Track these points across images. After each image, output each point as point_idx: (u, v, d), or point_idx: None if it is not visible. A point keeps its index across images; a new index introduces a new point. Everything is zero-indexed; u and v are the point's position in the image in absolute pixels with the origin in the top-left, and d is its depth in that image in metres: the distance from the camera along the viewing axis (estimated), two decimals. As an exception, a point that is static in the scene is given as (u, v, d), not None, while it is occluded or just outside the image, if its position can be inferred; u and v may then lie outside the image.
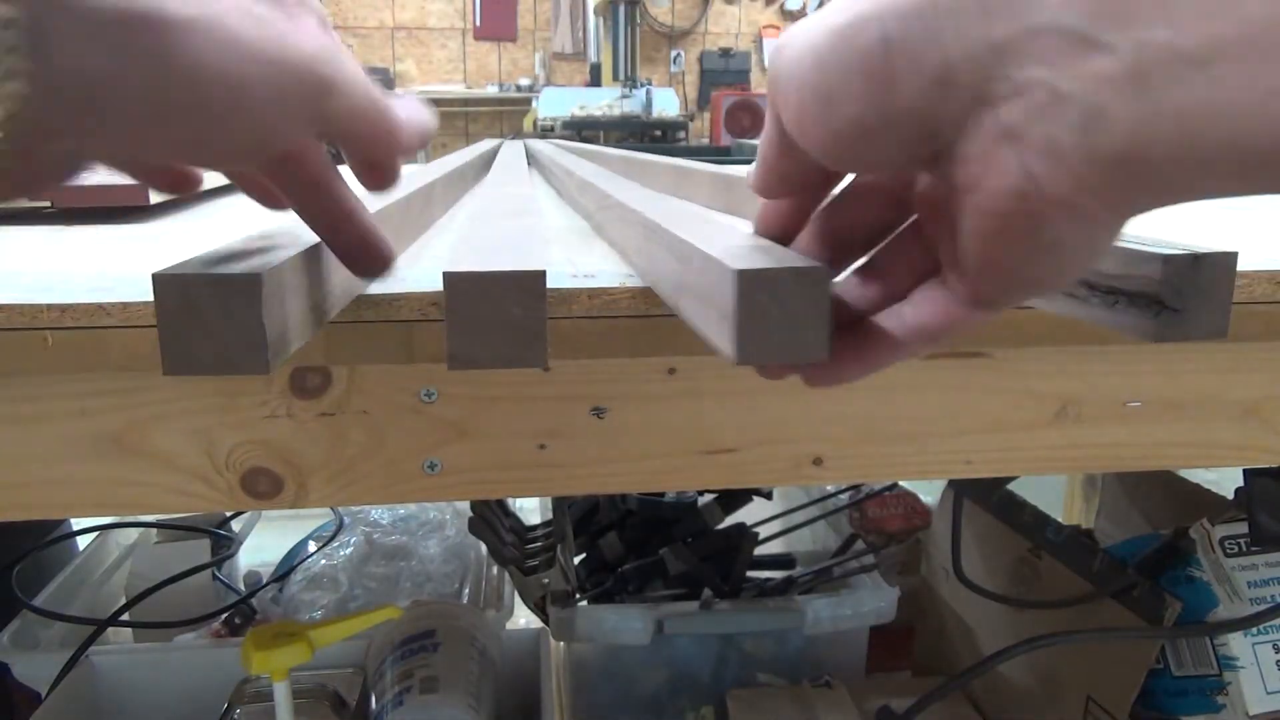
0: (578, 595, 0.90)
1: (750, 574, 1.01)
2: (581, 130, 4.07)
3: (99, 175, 0.34)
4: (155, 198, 0.61)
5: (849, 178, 0.30)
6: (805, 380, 0.29)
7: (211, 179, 0.65)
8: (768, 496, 1.09)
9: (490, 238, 0.32)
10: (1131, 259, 0.28)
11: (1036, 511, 0.88)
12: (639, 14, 5.20)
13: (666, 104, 4.52)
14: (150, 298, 0.34)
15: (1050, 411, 0.44)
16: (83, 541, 1.12)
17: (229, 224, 0.60)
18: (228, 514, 1.13)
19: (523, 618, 1.11)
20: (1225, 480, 0.80)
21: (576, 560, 1.02)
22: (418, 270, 0.40)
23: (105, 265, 0.43)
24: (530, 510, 1.14)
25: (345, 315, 0.35)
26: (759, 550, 1.03)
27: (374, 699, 0.81)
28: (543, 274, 0.26)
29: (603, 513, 1.05)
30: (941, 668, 0.99)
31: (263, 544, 1.25)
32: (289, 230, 0.33)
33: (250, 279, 0.25)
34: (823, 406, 0.43)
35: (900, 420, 0.44)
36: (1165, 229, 0.55)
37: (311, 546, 1.10)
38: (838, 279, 0.31)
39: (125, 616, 0.96)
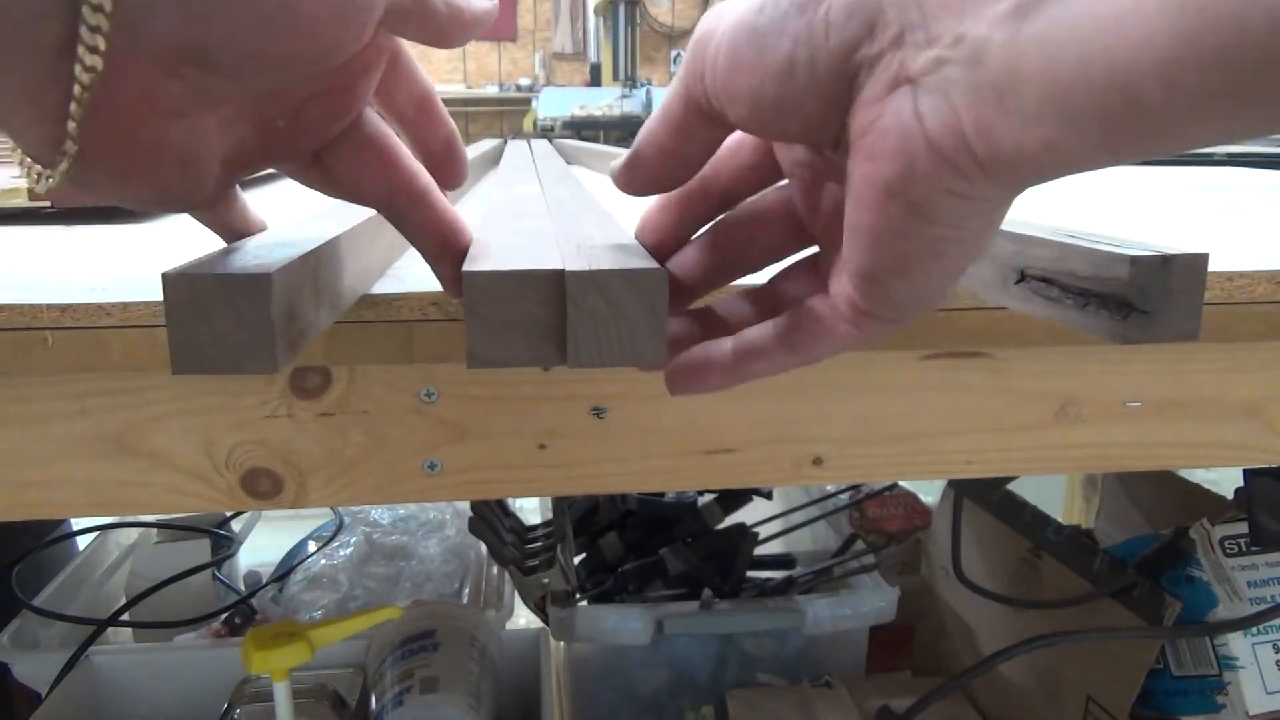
0: (578, 595, 0.90)
1: (750, 574, 1.01)
2: (581, 130, 4.07)
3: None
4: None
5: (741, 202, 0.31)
6: (669, 384, 0.30)
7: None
8: (768, 496, 1.09)
9: (505, 237, 0.32)
10: (1103, 260, 0.28)
11: (1036, 511, 0.88)
12: (639, 14, 5.20)
13: (666, 104, 4.50)
14: (151, 298, 0.35)
15: (1050, 411, 0.44)
16: (83, 541, 1.12)
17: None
18: (228, 514, 1.13)
19: (523, 618, 1.11)
20: (1225, 480, 0.80)
21: (576, 560, 1.02)
22: (418, 270, 0.40)
23: (105, 265, 0.43)
24: (530, 510, 1.14)
25: (345, 315, 0.35)
26: (759, 550, 1.03)
27: (374, 699, 0.81)
28: (562, 273, 0.26)
29: (603, 513, 1.05)
30: (941, 668, 0.99)
31: (263, 544, 1.25)
32: (296, 230, 0.33)
33: (259, 278, 0.25)
34: (823, 406, 0.43)
35: (900, 420, 0.44)
36: (1163, 229, 0.55)
37: (311, 546, 1.10)
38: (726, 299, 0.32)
39: (125, 616, 0.96)
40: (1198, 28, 0.17)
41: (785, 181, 0.31)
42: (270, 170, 0.32)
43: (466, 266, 0.26)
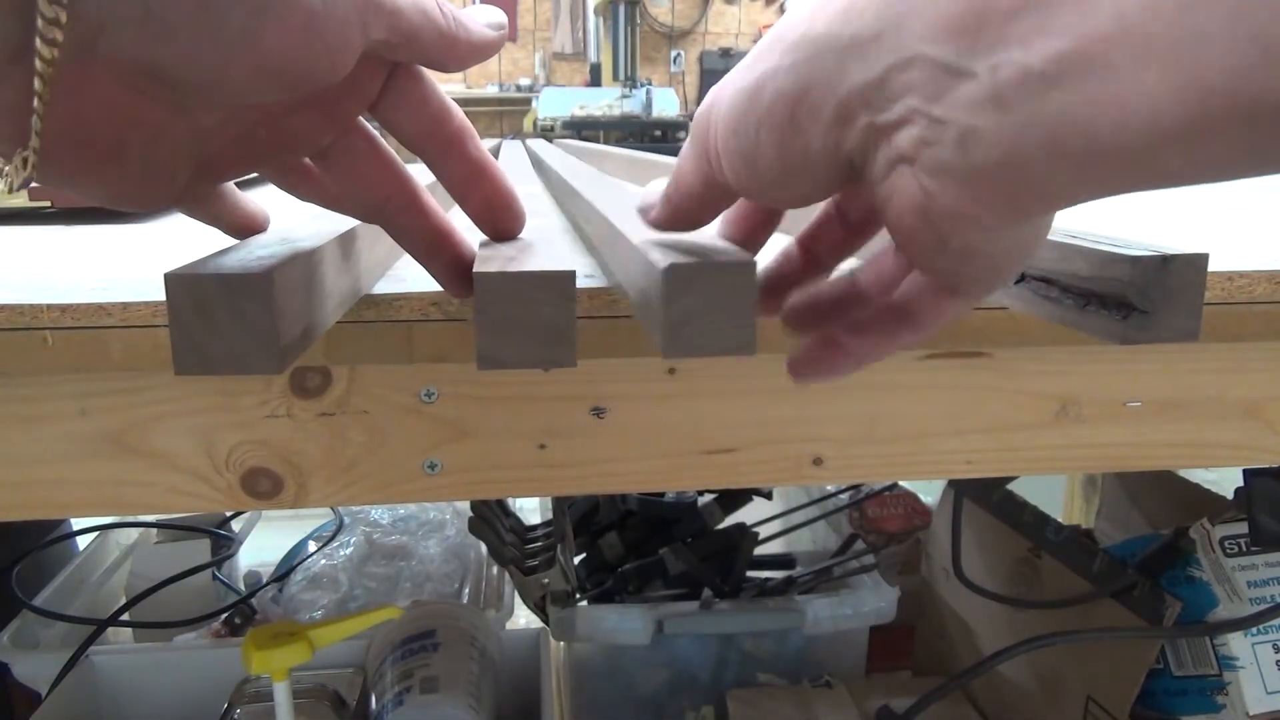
0: (578, 595, 0.90)
1: (750, 574, 1.01)
2: (581, 130, 4.07)
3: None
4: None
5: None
6: (795, 374, 0.30)
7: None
8: (768, 496, 1.09)
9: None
10: (1103, 261, 0.28)
11: (1036, 511, 0.88)
12: (639, 14, 5.20)
13: (666, 104, 4.52)
14: (151, 298, 0.35)
15: (1050, 411, 0.44)
16: (83, 541, 1.12)
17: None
18: (228, 514, 1.13)
19: (523, 618, 1.11)
20: (1225, 480, 0.80)
21: (576, 560, 1.02)
22: (418, 270, 0.40)
23: (105, 265, 0.43)
24: (530, 510, 1.14)
25: (346, 315, 0.35)
26: (759, 550, 1.03)
27: (374, 699, 0.81)
28: (573, 274, 0.26)
29: (603, 513, 1.05)
30: (941, 668, 0.99)
31: (263, 544, 1.25)
32: (299, 229, 0.33)
33: (262, 278, 0.25)
34: (823, 406, 0.43)
35: (900, 420, 0.44)
36: (1163, 229, 0.55)
37: (311, 546, 1.10)
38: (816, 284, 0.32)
39: (125, 616, 0.96)
40: (1209, 106, 0.17)
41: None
42: None
43: (476, 268, 0.26)
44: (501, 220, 0.32)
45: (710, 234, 0.32)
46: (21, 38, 0.23)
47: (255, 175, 0.32)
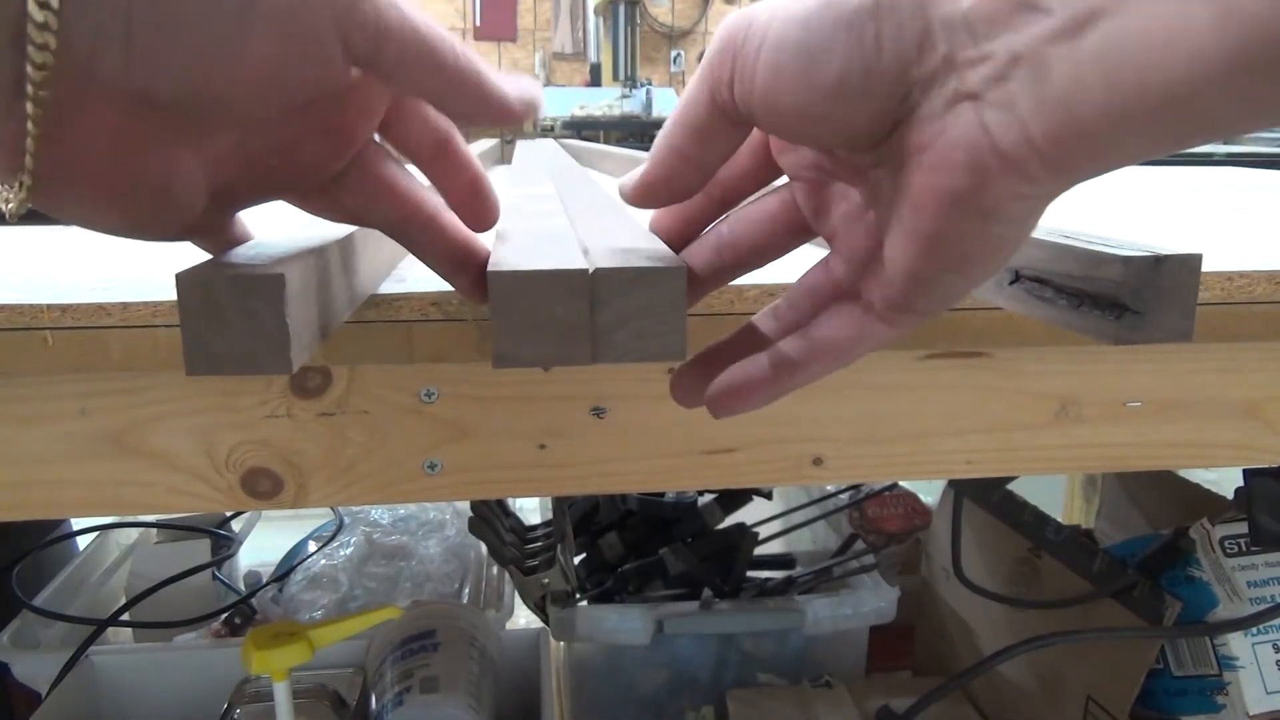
0: (578, 595, 0.90)
1: (750, 574, 1.01)
2: (581, 130, 4.07)
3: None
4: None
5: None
6: (711, 408, 0.31)
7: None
8: (768, 496, 1.09)
9: (525, 237, 0.32)
10: (1096, 261, 0.28)
11: (1036, 511, 0.88)
12: (639, 14, 5.20)
13: (666, 104, 4.52)
14: (151, 298, 0.35)
15: (1050, 411, 0.44)
16: (83, 541, 1.12)
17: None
18: (228, 514, 1.13)
19: (523, 618, 1.11)
20: (1225, 480, 0.80)
21: (576, 560, 1.02)
22: (419, 270, 0.40)
23: (105, 265, 0.43)
24: (530, 510, 1.14)
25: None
26: (759, 550, 1.03)
27: (374, 699, 0.81)
28: (585, 272, 0.26)
29: (603, 513, 1.05)
30: (941, 668, 0.99)
31: (263, 544, 1.25)
32: (307, 229, 0.33)
33: (273, 278, 0.25)
34: (823, 406, 0.43)
35: (900, 420, 0.44)
36: (1163, 228, 0.55)
37: (311, 546, 1.10)
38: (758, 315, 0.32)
39: (125, 616, 0.96)
40: (1245, 41, 0.18)
41: (782, 181, 0.31)
42: None
43: (491, 267, 0.26)
44: (488, 217, 0.33)
45: (640, 229, 0.32)
46: (24, 72, 0.23)
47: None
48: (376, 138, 0.31)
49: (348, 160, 0.30)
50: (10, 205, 0.25)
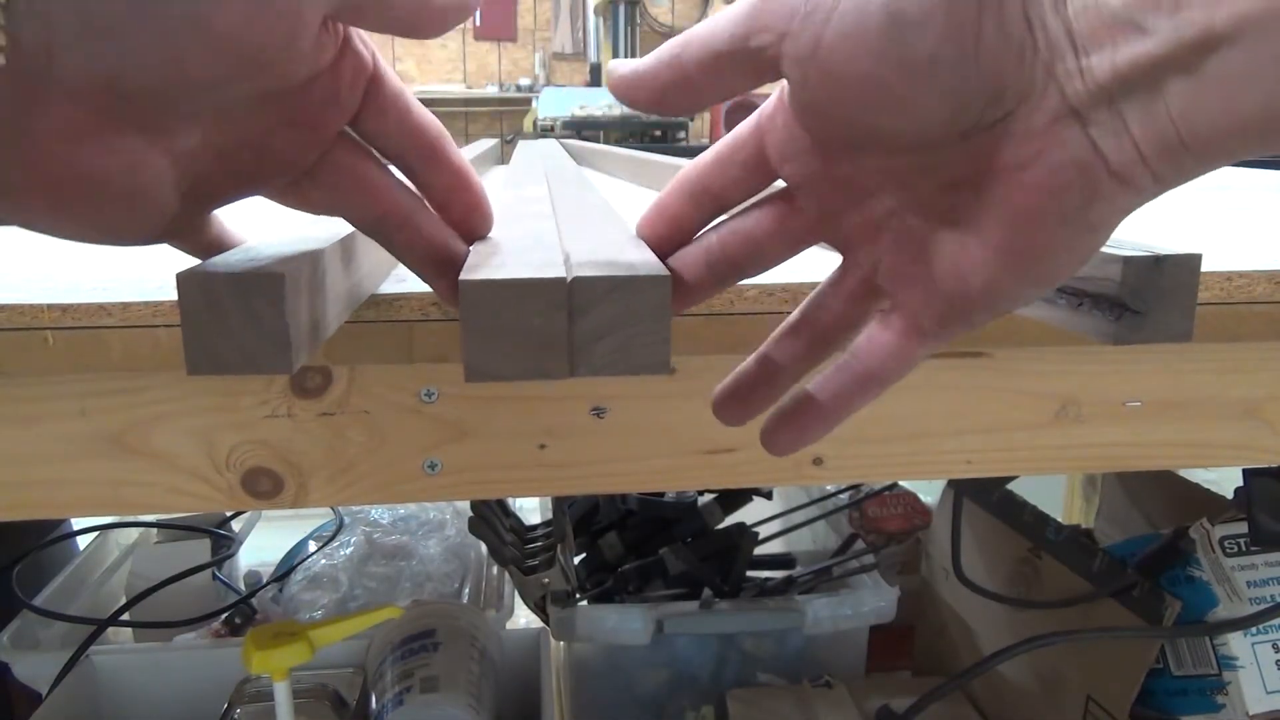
0: (578, 595, 0.90)
1: (750, 574, 1.01)
2: (581, 130, 4.07)
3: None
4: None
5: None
6: (772, 449, 0.30)
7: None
8: (768, 496, 1.09)
9: (506, 242, 0.31)
10: (1096, 260, 0.28)
11: (1036, 511, 0.88)
12: (639, 14, 5.20)
13: (666, 104, 4.51)
14: (151, 298, 0.35)
15: (1050, 411, 0.44)
16: (83, 541, 1.12)
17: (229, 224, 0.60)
18: (228, 514, 1.13)
19: (523, 618, 1.11)
20: (1225, 480, 0.80)
21: (576, 560, 1.02)
22: (418, 270, 0.40)
23: (105, 265, 0.43)
24: (530, 510, 1.14)
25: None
26: (759, 550, 1.03)
27: (374, 699, 0.81)
28: (562, 280, 0.25)
29: (603, 513, 1.05)
30: (941, 668, 0.99)
31: (263, 544, 1.25)
32: (307, 229, 0.33)
33: (274, 278, 0.25)
34: (823, 406, 0.43)
35: (900, 420, 0.44)
36: (1162, 228, 0.55)
37: (311, 546, 1.10)
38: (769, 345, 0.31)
39: (125, 616, 0.96)
40: None
41: (777, 185, 0.30)
42: None
43: (463, 275, 0.25)
44: (480, 227, 0.32)
45: (629, 234, 0.31)
46: None
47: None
48: (351, 133, 0.30)
49: (317, 154, 0.29)
50: None
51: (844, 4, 0.23)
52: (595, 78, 5.12)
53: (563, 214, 0.37)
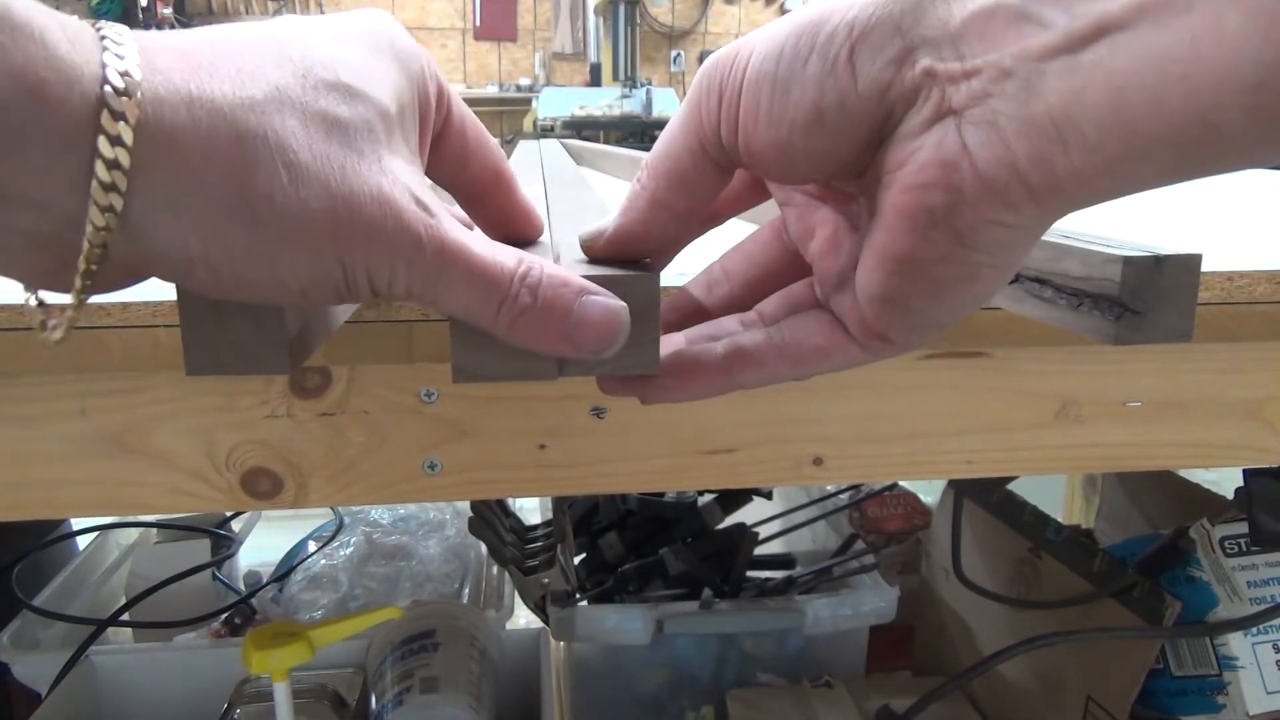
0: (578, 595, 0.90)
1: (750, 574, 1.01)
2: (581, 130, 4.07)
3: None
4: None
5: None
6: (644, 393, 0.28)
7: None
8: (768, 496, 1.09)
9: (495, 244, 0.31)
10: (1096, 261, 0.28)
11: (1036, 511, 0.88)
12: (639, 14, 5.20)
13: (667, 104, 4.52)
14: (151, 298, 0.35)
15: (1050, 411, 0.44)
16: (83, 541, 1.12)
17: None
18: (228, 514, 1.13)
19: (523, 618, 1.11)
20: (1225, 480, 0.80)
21: (576, 560, 1.02)
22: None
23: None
24: (530, 510, 1.14)
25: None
26: (759, 550, 1.03)
27: (374, 699, 0.81)
28: None
29: (603, 513, 1.05)
30: (941, 668, 0.99)
31: (263, 544, 1.25)
32: None
33: None
34: (823, 406, 0.43)
35: (900, 420, 0.44)
36: (1163, 228, 0.55)
37: (311, 546, 1.10)
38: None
39: (125, 616, 0.96)
40: None
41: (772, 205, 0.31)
42: None
43: None
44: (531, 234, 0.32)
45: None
46: (83, 228, 0.22)
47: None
48: None
49: None
50: (57, 333, 0.24)
51: (746, 81, 0.24)
52: (595, 78, 5.12)
53: (556, 214, 0.37)
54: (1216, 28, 0.18)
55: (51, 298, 0.25)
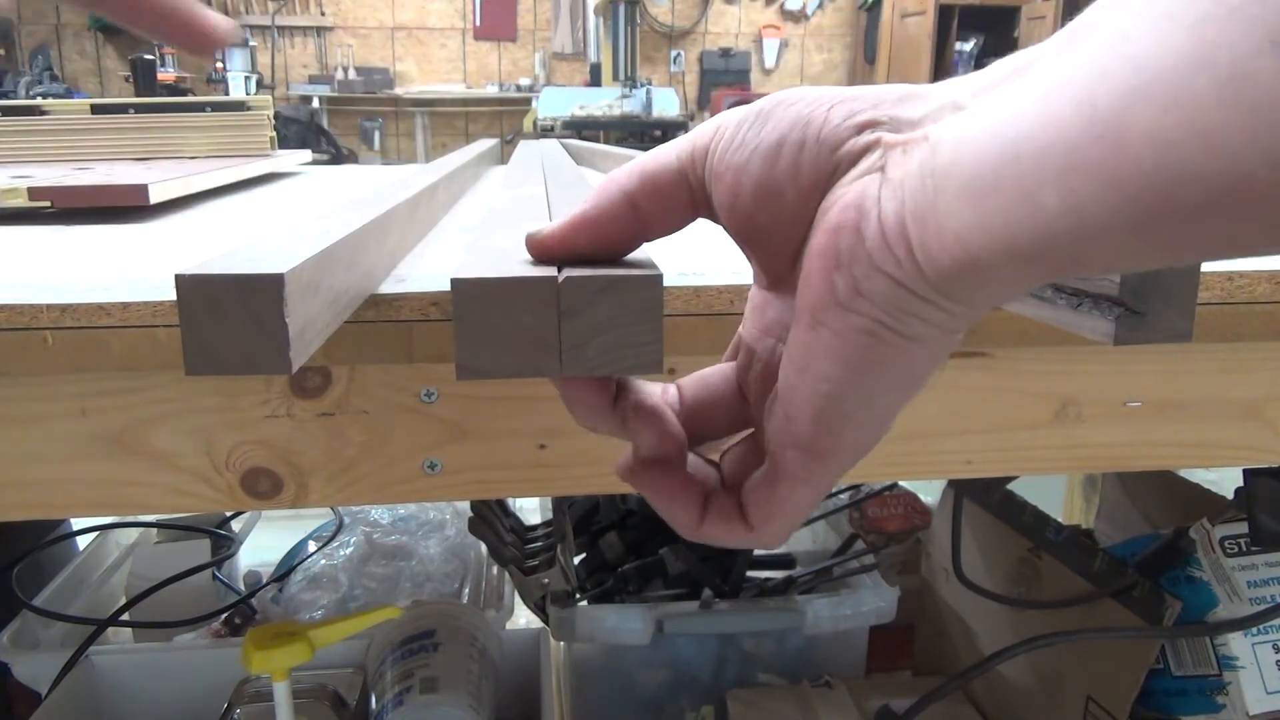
0: (578, 595, 0.90)
1: (750, 574, 1.01)
2: (581, 130, 4.07)
3: (98, 175, 0.34)
4: (155, 197, 0.61)
5: None
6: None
7: (209, 180, 0.65)
8: (768, 496, 1.08)
9: (499, 241, 0.31)
10: None
11: (1036, 511, 0.88)
12: (639, 14, 5.20)
13: (666, 104, 4.53)
14: (150, 297, 0.35)
15: (1050, 411, 0.44)
16: (83, 541, 1.12)
17: (229, 224, 0.60)
18: (228, 514, 1.13)
19: (523, 618, 1.11)
20: (1225, 480, 0.80)
21: (576, 560, 1.02)
22: (419, 270, 0.40)
23: (105, 265, 0.43)
24: (530, 510, 1.14)
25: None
26: (759, 550, 1.03)
27: (374, 699, 0.81)
28: (553, 279, 0.25)
29: (603, 513, 1.05)
30: (941, 668, 0.99)
31: (263, 544, 1.25)
32: (306, 229, 0.33)
33: (273, 278, 0.25)
34: (823, 406, 0.43)
35: (900, 420, 0.43)
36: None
37: (311, 546, 1.10)
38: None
39: (125, 616, 0.96)
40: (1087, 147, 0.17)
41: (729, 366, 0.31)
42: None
43: (455, 274, 0.25)
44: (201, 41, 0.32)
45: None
46: None
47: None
48: None
49: None
50: None
51: (730, 118, 0.25)
52: (595, 78, 5.12)
53: (556, 214, 0.37)
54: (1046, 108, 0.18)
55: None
